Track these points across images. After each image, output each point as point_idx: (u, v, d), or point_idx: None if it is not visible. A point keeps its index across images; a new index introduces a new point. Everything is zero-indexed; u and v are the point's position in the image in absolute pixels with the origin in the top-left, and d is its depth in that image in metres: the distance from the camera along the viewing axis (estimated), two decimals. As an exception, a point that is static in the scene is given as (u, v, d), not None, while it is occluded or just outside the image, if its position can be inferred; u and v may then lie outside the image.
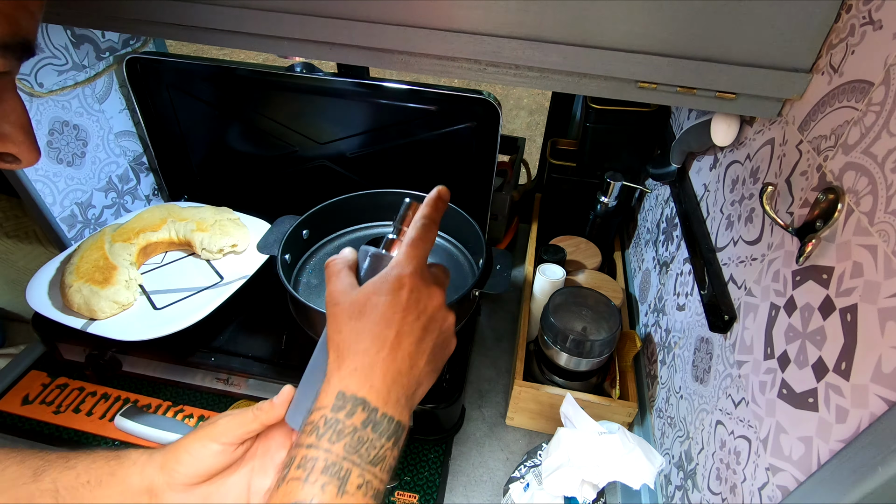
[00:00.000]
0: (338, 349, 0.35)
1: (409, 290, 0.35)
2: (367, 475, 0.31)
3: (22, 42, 0.33)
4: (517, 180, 1.05)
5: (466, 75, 0.52)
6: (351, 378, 0.33)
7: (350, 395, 0.32)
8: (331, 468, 0.30)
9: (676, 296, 0.68)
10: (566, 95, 1.02)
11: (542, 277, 0.78)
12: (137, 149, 1.00)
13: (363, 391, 0.32)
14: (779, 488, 0.40)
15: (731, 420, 0.49)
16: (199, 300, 0.76)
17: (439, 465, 0.71)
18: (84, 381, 0.78)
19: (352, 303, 0.36)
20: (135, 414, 0.72)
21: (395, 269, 0.36)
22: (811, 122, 0.43)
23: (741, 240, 0.52)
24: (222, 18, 0.52)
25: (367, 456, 0.31)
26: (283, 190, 0.97)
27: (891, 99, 0.34)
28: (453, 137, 0.83)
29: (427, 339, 0.36)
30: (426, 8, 0.47)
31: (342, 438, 0.31)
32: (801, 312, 0.40)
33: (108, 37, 0.88)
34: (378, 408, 0.32)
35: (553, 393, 0.71)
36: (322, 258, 0.81)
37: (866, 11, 0.38)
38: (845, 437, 0.33)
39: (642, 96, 0.49)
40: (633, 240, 0.97)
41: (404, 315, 0.35)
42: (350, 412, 0.32)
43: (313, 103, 0.85)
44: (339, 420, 0.31)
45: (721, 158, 0.61)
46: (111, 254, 0.76)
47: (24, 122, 0.35)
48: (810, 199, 0.41)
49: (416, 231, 0.38)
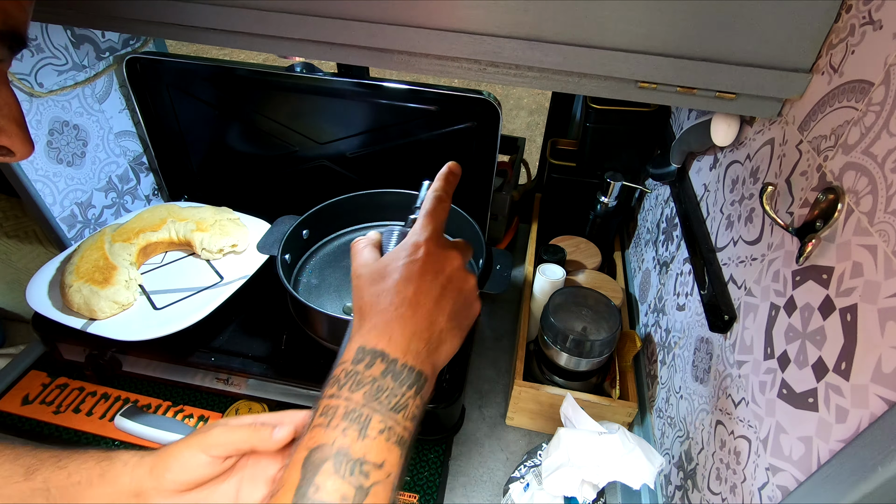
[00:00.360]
0: (360, 312, 0.36)
1: (426, 253, 0.37)
2: (389, 421, 0.31)
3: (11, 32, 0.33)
4: (517, 180, 1.05)
5: (466, 75, 0.52)
6: (370, 334, 0.34)
7: (369, 349, 0.33)
8: (350, 414, 0.31)
9: (676, 296, 0.68)
10: (566, 95, 1.02)
11: (542, 277, 0.78)
12: (137, 149, 1.00)
13: (382, 344, 0.33)
14: (779, 488, 0.40)
15: (731, 420, 0.49)
16: (199, 300, 0.76)
17: (439, 465, 0.70)
18: (84, 381, 0.78)
19: (372, 271, 0.38)
20: (135, 414, 0.72)
21: (412, 237, 0.38)
22: (811, 122, 0.43)
23: (741, 240, 0.52)
24: (222, 18, 0.52)
25: (387, 403, 0.32)
26: (283, 190, 0.97)
27: (891, 99, 0.34)
28: (453, 137, 0.83)
29: (446, 297, 0.37)
30: (426, 8, 0.47)
31: (361, 387, 0.32)
32: (801, 312, 0.40)
33: (108, 37, 0.88)
34: (397, 359, 0.33)
35: (553, 393, 0.71)
36: (322, 258, 0.81)
37: (866, 11, 0.38)
38: (845, 437, 0.33)
39: (642, 96, 0.48)
40: (633, 240, 0.97)
41: (422, 274, 0.36)
42: (369, 364, 0.33)
43: (313, 103, 0.85)
44: (358, 371, 0.32)
45: (721, 158, 0.61)
46: (111, 254, 0.76)
47: (17, 115, 0.36)
48: (810, 199, 0.41)
49: (429, 203, 0.40)
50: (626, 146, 0.88)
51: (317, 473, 0.29)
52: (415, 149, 0.86)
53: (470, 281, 0.39)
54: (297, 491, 0.29)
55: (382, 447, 0.30)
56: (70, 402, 0.75)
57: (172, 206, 0.87)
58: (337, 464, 0.29)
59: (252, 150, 0.93)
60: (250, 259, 0.82)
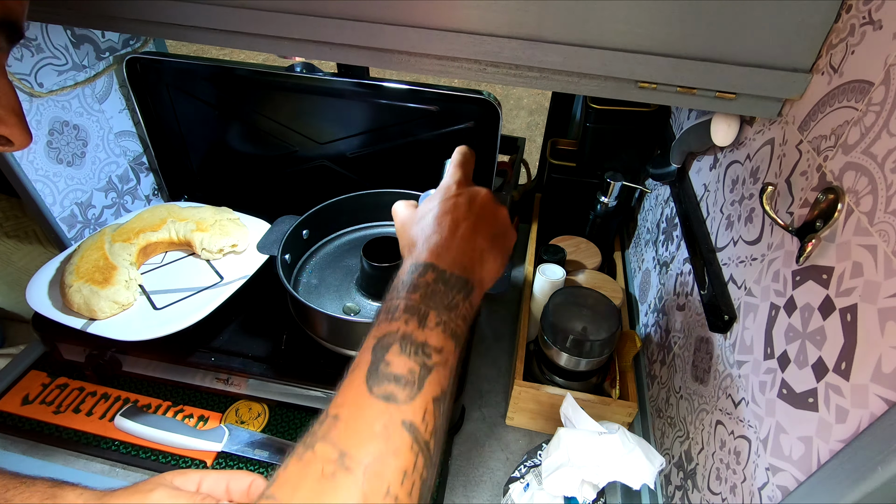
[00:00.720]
0: (408, 246, 0.41)
1: (457, 192, 0.43)
2: (444, 316, 0.35)
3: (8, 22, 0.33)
4: (517, 180, 1.05)
5: (466, 75, 0.52)
6: (420, 255, 0.39)
7: (420, 263, 0.38)
8: (410, 309, 0.35)
9: (676, 296, 0.68)
10: (566, 95, 1.02)
11: (542, 277, 0.78)
12: (137, 149, 1.00)
13: (431, 259, 0.38)
14: (779, 488, 0.40)
15: (731, 420, 0.49)
16: (199, 300, 0.76)
17: (439, 465, 0.71)
18: (84, 381, 0.78)
19: (412, 216, 0.43)
20: (135, 414, 0.72)
21: (443, 184, 0.44)
22: (811, 122, 0.43)
23: (741, 240, 0.52)
24: (222, 18, 0.52)
25: (441, 303, 0.36)
26: (283, 190, 0.97)
27: (891, 99, 0.34)
28: (453, 137, 0.83)
29: (482, 224, 0.41)
30: (426, 8, 0.47)
31: (417, 291, 0.36)
32: (801, 312, 0.40)
33: (108, 37, 0.88)
34: (446, 269, 0.37)
35: (553, 393, 0.71)
36: (322, 258, 0.81)
37: (866, 11, 0.38)
38: (845, 437, 0.33)
39: (642, 96, 0.48)
40: (633, 240, 0.97)
41: (455, 206, 0.41)
42: (422, 273, 0.37)
43: (313, 103, 0.85)
44: (413, 279, 0.37)
45: (721, 158, 0.61)
46: (111, 254, 0.75)
47: (15, 105, 0.37)
48: (810, 199, 0.41)
49: (455, 157, 0.47)
50: (626, 146, 0.88)
51: (386, 353, 0.33)
52: (415, 149, 0.86)
53: (502, 210, 0.44)
54: (370, 368, 0.32)
55: (440, 336, 0.34)
56: (70, 402, 0.75)
57: (172, 206, 0.87)
58: (403, 346, 0.33)
59: (252, 150, 0.93)
60: (250, 259, 0.82)
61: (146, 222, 0.82)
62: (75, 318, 0.70)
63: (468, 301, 0.37)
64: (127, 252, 0.77)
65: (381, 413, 0.30)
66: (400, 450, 0.30)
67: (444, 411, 0.33)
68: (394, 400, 0.31)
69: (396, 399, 0.31)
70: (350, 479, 0.28)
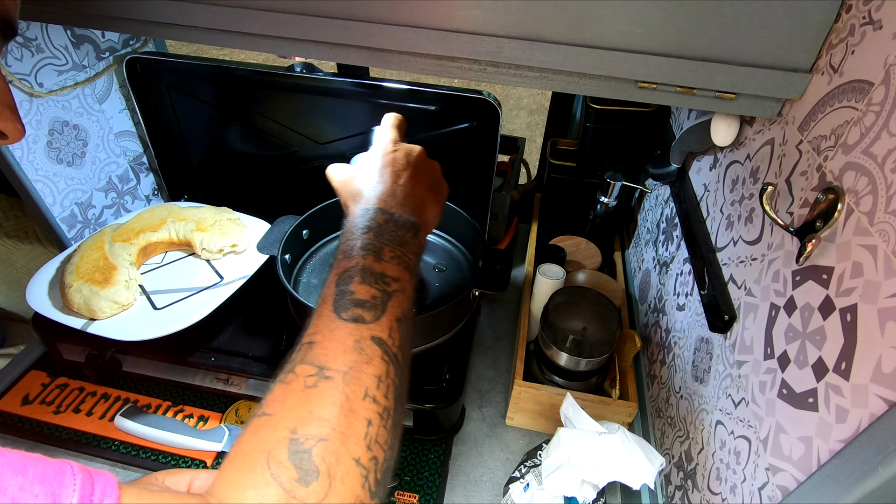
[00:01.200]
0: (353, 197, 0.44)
1: (393, 148, 0.47)
2: (398, 251, 0.39)
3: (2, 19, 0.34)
4: (517, 180, 1.05)
5: (466, 75, 0.52)
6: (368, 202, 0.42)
7: (370, 208, 0.41)
8: (367, 247, 0.38)
9: (676, 296, 0.68)
10: (566, 95, 1.02)
11: (542, 277, 0.78)
12: (137, 149, 1.00)
13: (379, 204, 0.42)
14: (779, 488, 0.40)
15: (731, 420, 0.49)
16: (199, 300, 0.76)
17: (439, 465, 0.71)
18: (84, 381, 0.78)
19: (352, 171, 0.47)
20: (135, 414, 0.72)
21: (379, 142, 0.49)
22: (811, 122, 0.43)
23: (741, 240, 0.52)
24: (222, 18, 0.52)
25: (393, 239, 0.39)
26: (283, 190, 0.97)
27: (891, 99, 0.34)
28: (453, 137, 0.83)
29: (421, 174, 0.46)
30: (426, 8, 0.47)
31: (370, 231, 0.40)
32: (801, 312, 0.40)
33: (108, 37, 0.88)
34: (395, 212, 0.41)
35: (553, 393, 0.71)
36: (322, 258, 0.81)
37: (866, 11, 0.38)
38: (845, 437, 0.33)
39: (642, 96, 0.48)
40: (633, 240, 0.97)
41: (395, 160, 0.46)
42: (373, 217, 0.41)
43: (313, 103, 0.85)
44: (365, 223, 0.40)
45: (721, 158, 0.61)
46: (111, 254, 0.75)
47: (9, 99, 0.37)
48: (810, 199, 0.41)
49: (386, 120, 0.51)
50: (626, 146, 0.88)
51: (350, 284, 0.36)
52: (415, 149, 0.86)
53: (435, 164, 0.49)
54: (335, 299, 0.35)
55: (396, 267, 0.38)
56: (70, 402, 0.75)
57: (172, 206, 0.87)
58: (364, 276, 0.37)
59: (252, 150, 0.93)
60: (250, 259, 0.82)
61: (146, 222, 0.82)
62: (75, 318, 0.70)
63: (416, 238, 0.42)
64: (127, 252, 0.77)
65: (353, 332, 0.34)
66: (372, 359, 0.33)
67: (407, 331, 0.37)
68: (362, 321, 0.34)
69: (364, 320, 0.35)
70: (331, 384, 0.31)
